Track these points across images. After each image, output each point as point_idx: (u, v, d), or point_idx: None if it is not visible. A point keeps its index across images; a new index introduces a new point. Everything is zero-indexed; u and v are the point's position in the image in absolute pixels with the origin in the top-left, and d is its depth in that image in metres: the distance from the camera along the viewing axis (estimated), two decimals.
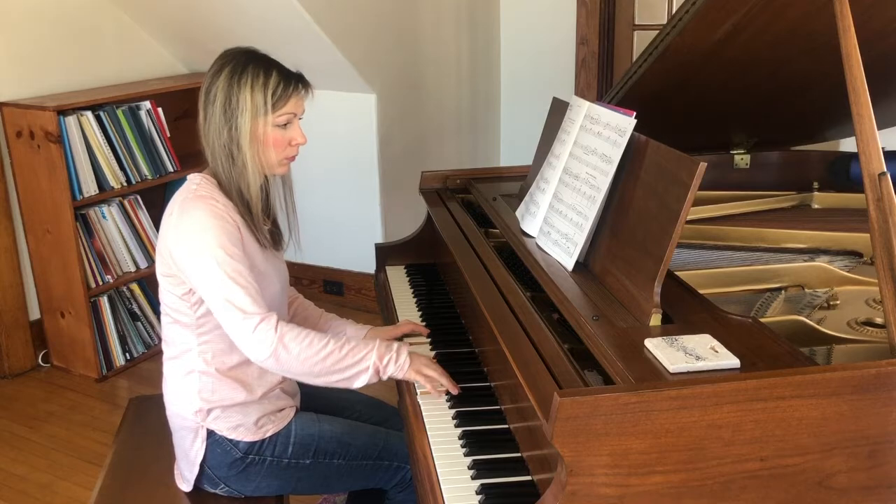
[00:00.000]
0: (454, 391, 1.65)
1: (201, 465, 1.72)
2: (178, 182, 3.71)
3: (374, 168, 3.74)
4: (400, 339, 1.94)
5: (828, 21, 1.47)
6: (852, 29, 1.42)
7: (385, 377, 1.66)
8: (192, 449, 1.72)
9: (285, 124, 1.67)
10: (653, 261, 1.38)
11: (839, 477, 1.17)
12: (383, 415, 1.96)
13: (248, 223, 1.67)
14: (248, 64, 1.64)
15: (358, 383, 1.64)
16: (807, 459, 1.15)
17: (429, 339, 1.93)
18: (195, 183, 1.69)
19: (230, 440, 1.71)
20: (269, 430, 1.73)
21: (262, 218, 1.71)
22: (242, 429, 1.71)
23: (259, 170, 1.68)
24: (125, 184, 3.33)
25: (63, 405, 3.14)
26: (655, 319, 1.37)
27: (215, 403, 1.70)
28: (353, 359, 1.62)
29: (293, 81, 1.67)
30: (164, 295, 1.71)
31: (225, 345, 1.67)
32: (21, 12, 3.23)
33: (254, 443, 1.72)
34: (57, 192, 3.13)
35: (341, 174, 3.79)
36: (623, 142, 1.55)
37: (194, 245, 1.59)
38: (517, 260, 1.78)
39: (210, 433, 1.71)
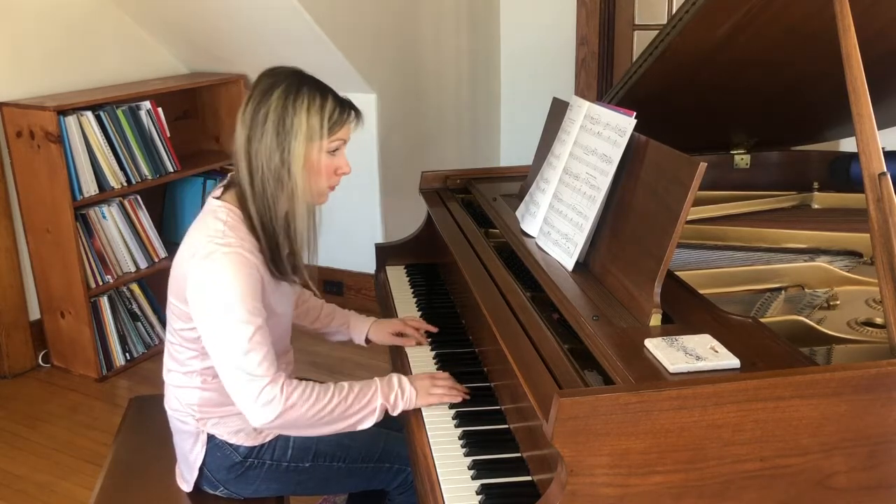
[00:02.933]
0: (466, 398, 1.64)
1: (201, 468, 1.72)
2: (178, 182, 3.73)
3: (374, 168, 3.74)
4: (402, 336, 1.94)
5: (828, 21, 1.47)
6: (852, 29, 1.42)
7: (395, 413, 1.62)
8: (192, 452, 1.72)
9: (335, 151, 1.61)
10: (653, 261, 1.38)
11: (839, 477, 1.17)
12: (384, 416, 1.96)
13: (268, 259, 1.59)
14: (302, 85, 1.57)
15: (364, 426, 1.61)
16: (807, 459, 1.15)
17: (429, 339, 1.93)
18: (221, 219, 1.58)
19: (230, 444, 1.70)
20: (269, 435, 1.72)
21: (290, 248, 1.63)
22: (243, 434, 1.70)
23: (307, 197, 1.60)
24: (125, 184, 3.33)
25: (63, 405, 3.14)
26: (655, 319, 1.37)
27: (216, 413, 1.69)
28: (359, 404, 1.59)
29: (347, 107, 1.61)
30: (172, 321, 1.67)
31: None
32: (21, 12, 3.23)
33: (253, 447, 1.71)
34: (57, 192, 3.13)
35: None
36: (623, 142, 1.55)
37: (217, 301, 1.51)
38: (517, 260, 1.78)
39: (210, 437, 1.71)
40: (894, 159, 1.66)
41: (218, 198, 1.64)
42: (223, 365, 1.53)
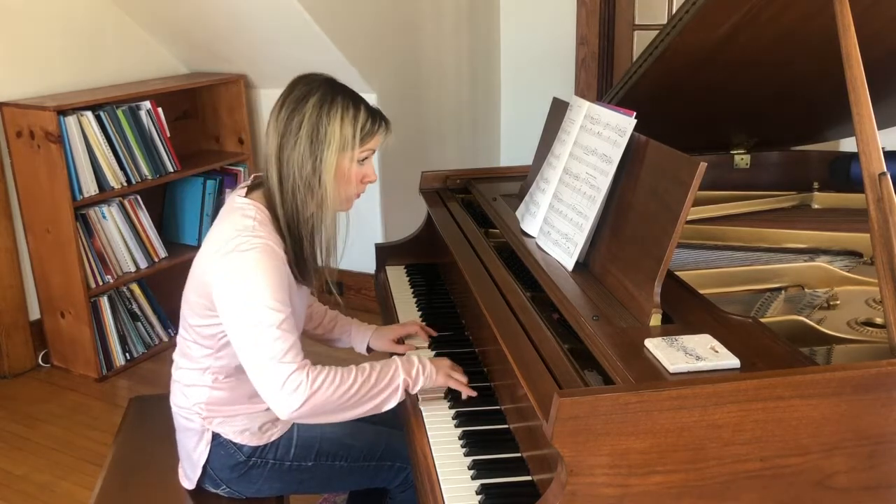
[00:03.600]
0: (471, 395, 1.64)
1: (204, 467, 1.72)
2: (178, 182, 3.72)
3: (374, 168, 3.74)
4: (400, 341, 1.94)
5: (828, 21, 1.47)
6: (852, 29, 1.42)
7: (415, 390, 1.62)
8: (195, 450, 1.72)
9: (363, 160, 1.64)
10: (653, 261, 1.38)
11: (839, 477, 1.17)
12: (385, 415, 1.96)
13: (292, 260, 1.61)
14: (336, 95, 1.59)
15: (389, 405, 1.60)
16: (807, 459, 1.15)
17: (429, 339, 1.93)
18: (250, 217, 1.59)
19: (235, 443, 1.71)
20: (273, 435, 1.73)
21: (312, 254, 1.65)
22: (248, 433, 1.71)
23: (336, 205, 1.63)
24: (125, 184, 3.33)
25: (63, 405, 3.14)
26: (655, 319, 1.37)
27: (222, 412, 1.70)
28: (382, 382, 1.58)
29: (378, 118, 1.64)
30: (190, 317, 1.67)
31: (240, 367, 1.64)
32: (21, 12, 3.23)
33: (257, 446, 1.72)
34: (57, 192, 3.13)
35: None
36: (623, 142, 1.55)
37: (247, 292, 1.51)
38: (517, 260, 1.78)
39: (215, 436, 1.71)
40: (894, 159, 1.66)
41: (243, 196, 1.65)
42: (250, 353, 1.52)
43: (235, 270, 1.53)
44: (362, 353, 2.00)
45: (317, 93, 1.59)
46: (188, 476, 1.77)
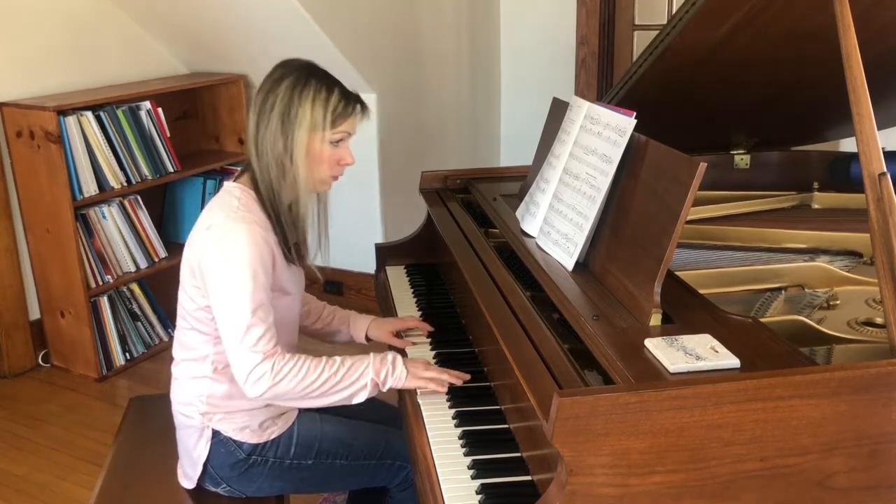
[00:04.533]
0: (463, 379, 1.67)
1: (204, 465, 1.72)
2: (178, 182, 3.72)
3: (374, 168, 3.74)
4: (401, 335, 1.94)
5: (828, 21, 1.47)
6: (852, 29, 1.42)
7: (385, 389, 1.67)
8: (195, 448, 1.72)
9: (338, 142, 1.66)
10: (653, 261, 1.38)
11: (839, 477, 1.17)
12: (386, 414, 1.96)
13: (280, 240, 1.66)
14: (310, 77, 1.64)
15: (357, 400, 1.65)
16: (807, 459, 1.15)
17: (429, 339, 1.93)
18: (235, 196, 1.65)
19: (235, 441, 1.71)
20: (273, 433, 1.73)
21: (296, 234, 1.70)
22: (248, 431, 1.71)
23: (309, 185, 1.67)
24: (125, 184, 3.32)
25: (63, 405, 3.14)
26: (655, 319, 1.37)
27: (222, 408, 1.70)
28: (349, 379, 1.63)
29: (353, 101, 1.67)
30: (185, 301, 1.69)
31: None
32: (21, 12, 3.23)
33: (257, 444, 1.72)
34: (57, 191, 3.13)
35: None
36: (623, 142, 1.55)
37: (228, 270, 1.57)
38: (517, 260, 1.78)
39: (215, 433, 1.71)
40: (894, 159, 1.66)
41: (234, 181, 1.71)
42: (225, 335, 1.58)
43: (218, 250, 1.58)
44: (361, 341, 2.02)
45: (291, 75, 1.65)
46: (188, 475, 1.77)
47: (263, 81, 1.67)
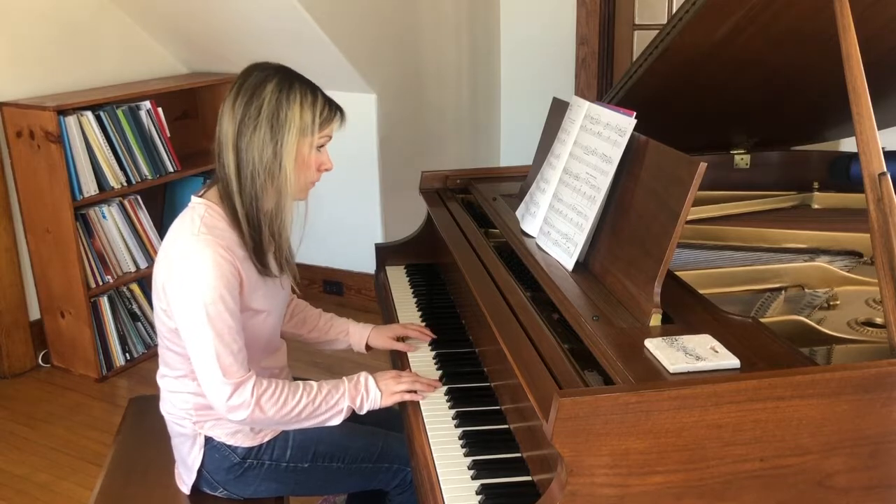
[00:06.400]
0: (435, 387, 1.69)
1: (199, 470, 1.72)
2: (178, 182, 3.72)
3: (374, 168, 3.74)
4: (402, 340, 1.94)
5: (828, 21, 1.47)
6: (852, 29, 1.42)
7: (362, 413, 1.69)
8: (189, 455, 1.72)
9: (320, 147, 1.64)
10: (653, 261, 1.38)
11: (839, 477, 1.17)
12: (383, 416, 1.96)
13: (251, 253, 1.60)
14: (293, 81, 1.59)
15: (334, 423, 1.67)
16: (807, 459, 1.15)
17: (429, 342, 1.93)
18: (199, 215, 1.58)
19: (228, 445, 1.70)
20: (268, 435, 1.72)
21: (277, 243, 1.65)
22: (241, 434, 1.70)
23: (294, 191, 1.61)
24: (125, 184, 3.33)
25: (63, 405, 3.14)
26: (655, 319, 1.37)
27: (212, 415, 1.69)
28: (326, 405, 1.64)
29: (334, 106, 1.65)
30: (158, 324, 1.67)
31: None
32: (21, 12, 3.23)
33: (252, 447, 1.71)
34: (57, 192, 3.13)
35: (341, 174, 3.76)
36: (623, 142, 1.55)
37: (190, 295, 1.52)
38: (517, 260, 1.78)
39: (208, 439, 1.70)
40: (894, 159, 1.66)
41: (200, 196, 1.64)
42: (194, 362, 1.57)
43: (181, 278, 1.54)
44: (361, 351, 1.99)
45: (274, 78, 1.58)
46: (184, 480, 1.76)
47: (240, 87, 1.58)
